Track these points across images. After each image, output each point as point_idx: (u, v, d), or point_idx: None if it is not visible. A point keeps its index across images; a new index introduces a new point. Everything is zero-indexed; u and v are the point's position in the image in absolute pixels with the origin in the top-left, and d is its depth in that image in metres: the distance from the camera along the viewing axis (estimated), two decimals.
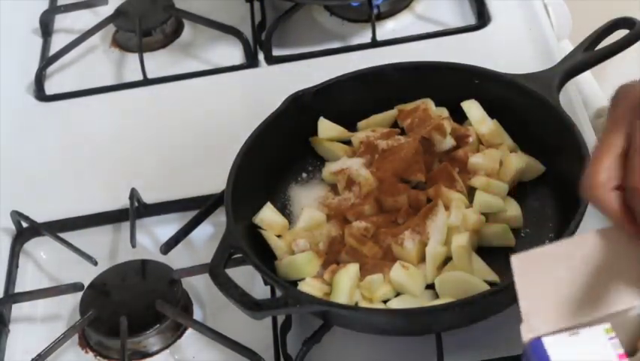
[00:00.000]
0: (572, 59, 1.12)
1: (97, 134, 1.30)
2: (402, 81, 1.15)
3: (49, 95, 1.36)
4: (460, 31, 1.34)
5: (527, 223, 1.05)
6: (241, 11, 1.42)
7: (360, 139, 1.13)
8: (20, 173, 1.26)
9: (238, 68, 1.35)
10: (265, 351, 1.01)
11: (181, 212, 1.16)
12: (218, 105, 1.30)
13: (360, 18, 1.39)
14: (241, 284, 0.96)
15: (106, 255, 1.15)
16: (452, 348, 0.98)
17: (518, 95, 1.09)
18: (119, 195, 1.17)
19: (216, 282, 0.97)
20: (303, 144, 1.15)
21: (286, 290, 0.96)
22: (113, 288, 1.08)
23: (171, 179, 1.21)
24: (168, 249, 1.07)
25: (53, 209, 1.19)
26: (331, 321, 0.98)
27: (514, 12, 1.34)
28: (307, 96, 1.14)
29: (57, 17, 1.48)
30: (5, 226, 1.18)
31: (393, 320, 0.97)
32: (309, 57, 1.34)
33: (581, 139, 1.02)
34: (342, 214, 1.07)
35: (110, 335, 1.03)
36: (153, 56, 1.40)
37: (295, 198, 1.12)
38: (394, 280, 0.99)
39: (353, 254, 1.02)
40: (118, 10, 1.41)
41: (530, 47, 1.28)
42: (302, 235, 1.05)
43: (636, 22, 1.13)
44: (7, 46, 1.45)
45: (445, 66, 1.15)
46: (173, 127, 1.29)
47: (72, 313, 1.10)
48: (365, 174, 1.09)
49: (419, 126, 1.11)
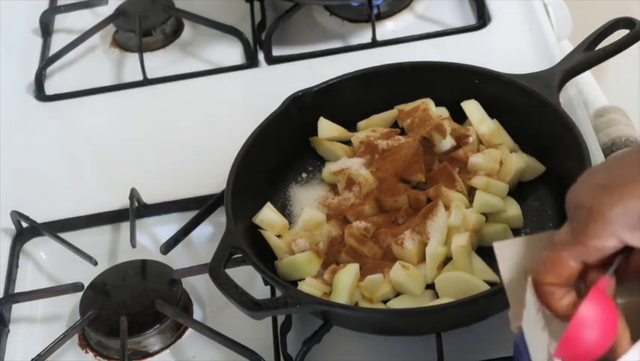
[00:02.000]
0: (572, 59, 1.12)
1: (97, 134, 1.30)
2: (402, 81, 1.15)
3: (49, 95, 1.36)
4: (460, 31, 1.34)
5: (527, 223, 1.05)
6: (241, 11, 1.43)
7: (360, 139, 1.13)
8: (20, 173, 1.26)
9: (238, 68, 1.35)
10: (265, 351, 1.01)
11: (181, 212, 1.17)
12: (218, 105, 1.30)
13: (360, 18, 1.39)
14: (241, 284, 0.96)
15: (106, 255, 1.15)
16: (452, 348, 0.98)
17: (518, 95, 1.09)
18: (119, 195, 1.17)
19: (216, 282, 0.97)
20: (303, 144, 1.15)
21: (286, 290, 0.96)
22: (113, 288, 1.08)
23: (171, 179, 1.21)
24: (168, 249, 1.07)
25: (53, 209, 1.19)
26: (331, 321, 0.98)
27: (514, 12, 1.34)
28: (307, 96, 1.14)
29: (57, 17, 1.48)
30: (5, 226, 1.18)
31: (393, 320, 0.97)
32: (309, 57, 1.34)
33: (581, 139, 1.02)
34: (342, 214, 1.07)
35: (110, 335, 1.03)
36: (153, 56, 1.40)
37: (295, 198, 1.12)
38: (394, 280, 0.99)
39: (353, 254, 1.02)
40: (118, 10, 1.41)
41: (530, 47, 1.29)
42: (302, 235, 1.05)
43: (636, 22, 1.13)
44: (7, 46, 1.45)
45: (445, 66, 1.15)
46: (173, 127, 1.29)
47: (72, 313, 1.10)
48: (365, 174, 1.09)
49: (419, 126, 1.11)
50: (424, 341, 0.99)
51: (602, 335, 0.73)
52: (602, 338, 0.73)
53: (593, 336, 0.73)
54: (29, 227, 1.17)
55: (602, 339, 0.73)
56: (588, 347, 0.73)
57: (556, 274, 0.74)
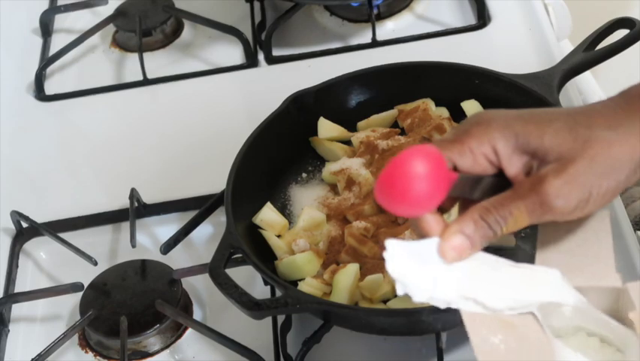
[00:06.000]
0: (572, 59, 1.12)
1: (97, 134, 1.30)
2: (402, 81, 1.15)
3: (49, 95, 1.36)
4: (460, 31, 1.34)
5: None
6: (241, 11, 1.43)
7: (360, 139, 1.13)
8: (20, 173, 1.26)
9: (238, 68, 1.35)
10: (265, 351, 1.01)
11: (181, 212, 1.17)
12: (218, 105, 1.30)
13: (360, 18, 1.39)
14: (241, 284, 0.96)
15: (106, 255, 1.15)
16: (452, 348, 0.98)
17: (518, 95, 1.09)
18: (119, 195, 1.17)
19: (216, 282, 0.97)
20: (303, 144, 1.15)
21: (286, 290, 0.96)
22: (113, 288, 1.08)
23: (171, 179, 1.21)
24: (168, 249, 1.07)
25: (53, 209, 1.19)
26: (331, 321, 0.98)
27: (514, 12, 1.34)
28: (307, 96, 1.14)
29: (57, 17, 1.48)
30: (5, 226, 1.18)
31: (393, 320, 0.97)
32: (309, 57, 1.34)
33: None
34: (342, 214, 1.07)
35: (110, 335, 1.03)
36: (153, 56, 1.40)
37: (295, 198, 1.12)
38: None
39: (353, 254, 1.02)
40: (118, 10, 1.42)
41: (530, 47, 1.28)
42: (302, 235, 1.05)
43: (636, 22, 1.13)
44: (7, 46, 1.45)
45: (445, 66, 1.15)
46: (173, 127, 1.29)
47: (72, 313, 1.10)
48: (365, 174, 1.09)
49: (419, 126, 1.11)
50: (424, 341, 0.99)
51: (422, 188, 0.75)
52: (421, 191, 0.75)
53: (413, 185, 0.75)
54: (29, 227, 1.17)
55: (421, 192, 0.75)
56: (402, 192, 0.75)
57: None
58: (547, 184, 0.77)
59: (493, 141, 0.79)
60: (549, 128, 0.78)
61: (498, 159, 0.79)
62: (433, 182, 0.76)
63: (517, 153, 0.79)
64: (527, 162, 0.79)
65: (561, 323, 0.78)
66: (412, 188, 0.75)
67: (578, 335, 0.78)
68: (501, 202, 0.78)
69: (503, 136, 0.79)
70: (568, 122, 0.78)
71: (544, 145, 0.78)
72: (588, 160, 0.77)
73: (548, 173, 0.77)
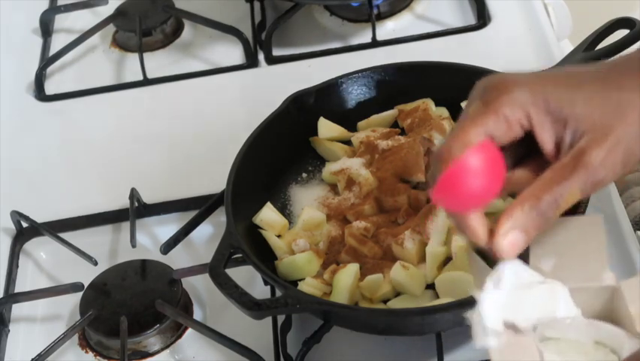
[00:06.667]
0: (571, 59, 1.12)
1: (97, 134, 1.30)
2: (402, 81, 1.15)
3: (49, 95, 1.36)
4: (460, 31, 1.34)
5: None
6: (241, 11, 1.42)
7: (360, 139, 1.13)
8: (20, 173, 1.26)
9: (238, 68, 1.35)
10: (265, 351, 1.01)
11: (181, 212, 1.17)
12: (218, 105, 1.30)
13: (360, 18, 1.39)
14: (241, 284, 0.96)
15: (106, 255, 1.15)
16: (452, 348, 0.98)
17: None
18: (119, 195, 1.17)
19: (216, 282, 0.97)
20: (303, 144, 1.15)
21: (286, 290, 0.96)
22: (113, 288, 1.08)
23: (171, 179, 1.21)
24: (168, 249, 1.07)
25: (53, 209, 1.19)
26: (331, 321, 0.98)
27: (514, 12, 1.34)
28: (307, 96, 1.14)
29: (57, 17, 1.48)
30: (5, 226, 1.18)
31: (393, 320, 0.97)
32: (309, 57, 1.34)
33: None
34: (342, 214, 1.07)
35: (110, 335, 1.04)
36: (153, 56, 1.40)
37: (295, 198, 1.12)
38: (394, 280, 0.99)
39: (353, 254, 1.02)
40: (118, 10, 1.41)
41: (530, 47, 1.28)
42: (302, 235, 1.05)
43: (636, 22, 1.13)
44: (7, 46, 1.45)
45: (445, 66, 1.15)
46: (173, 127, 1.28)
47: (72, 313, 1.10)
48: (365, 174, 1.09)
49: (419, 126, 1.11)
50: (424, 341, 0.99)
51: (484, 184, 0.73)
52: (484, 187, 0.74)
53: (474, 182, 0.73)
54: (29, 227, 1.17)
55: (484, 188, 0.74)
56: (467, 190, 0.73)
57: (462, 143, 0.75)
58: (592, 156, 0.74)
59: (527, 107, 0.75)
60: (580, 94, 0.75)
61: (531, 125, 0.76)
62: (494, 175, 0.75)
63: (548, 118, 0.76)
64: (559, 129, 0.76)
65: (557, 334, 0.77)
66: (478, 183, 0.74)
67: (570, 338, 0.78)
68: (549, 186, 0.75)
69: (534, 102, 0.75)
70: (596, 84, 0.76)
71: (576, 113, 0.75)
72: (625, 126, 0.74)
73: (590, 144, 0.74)
